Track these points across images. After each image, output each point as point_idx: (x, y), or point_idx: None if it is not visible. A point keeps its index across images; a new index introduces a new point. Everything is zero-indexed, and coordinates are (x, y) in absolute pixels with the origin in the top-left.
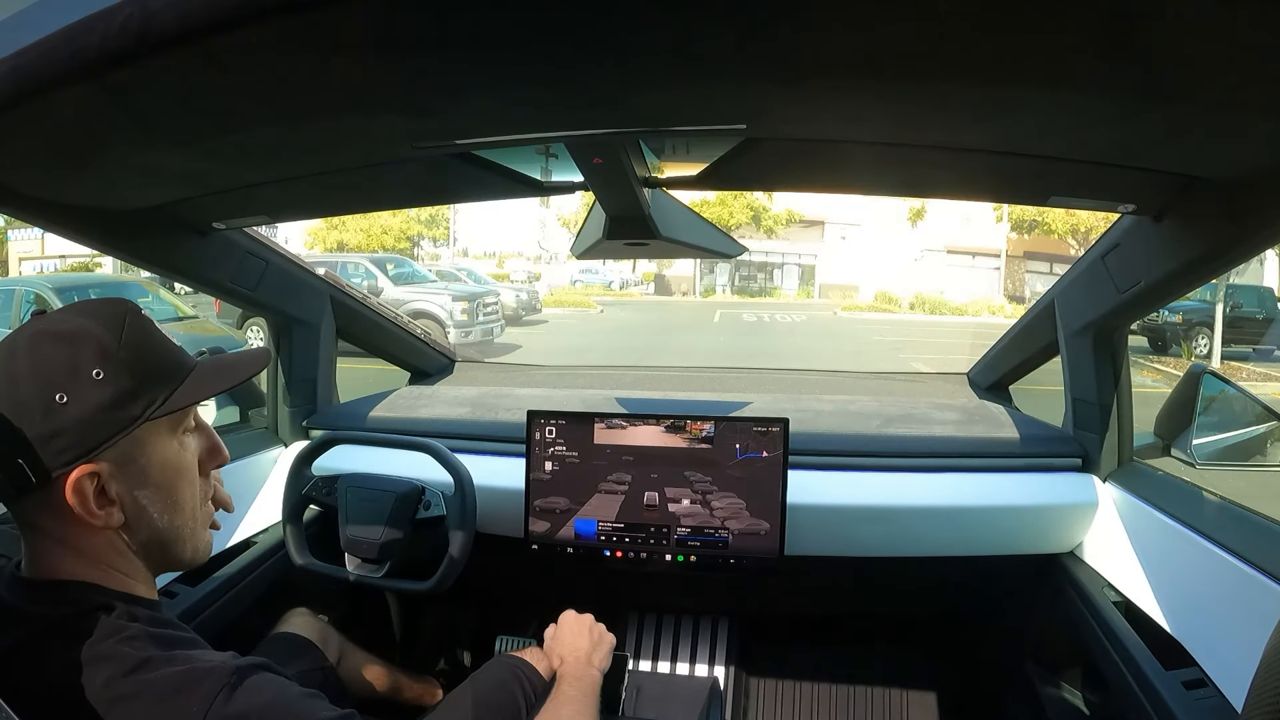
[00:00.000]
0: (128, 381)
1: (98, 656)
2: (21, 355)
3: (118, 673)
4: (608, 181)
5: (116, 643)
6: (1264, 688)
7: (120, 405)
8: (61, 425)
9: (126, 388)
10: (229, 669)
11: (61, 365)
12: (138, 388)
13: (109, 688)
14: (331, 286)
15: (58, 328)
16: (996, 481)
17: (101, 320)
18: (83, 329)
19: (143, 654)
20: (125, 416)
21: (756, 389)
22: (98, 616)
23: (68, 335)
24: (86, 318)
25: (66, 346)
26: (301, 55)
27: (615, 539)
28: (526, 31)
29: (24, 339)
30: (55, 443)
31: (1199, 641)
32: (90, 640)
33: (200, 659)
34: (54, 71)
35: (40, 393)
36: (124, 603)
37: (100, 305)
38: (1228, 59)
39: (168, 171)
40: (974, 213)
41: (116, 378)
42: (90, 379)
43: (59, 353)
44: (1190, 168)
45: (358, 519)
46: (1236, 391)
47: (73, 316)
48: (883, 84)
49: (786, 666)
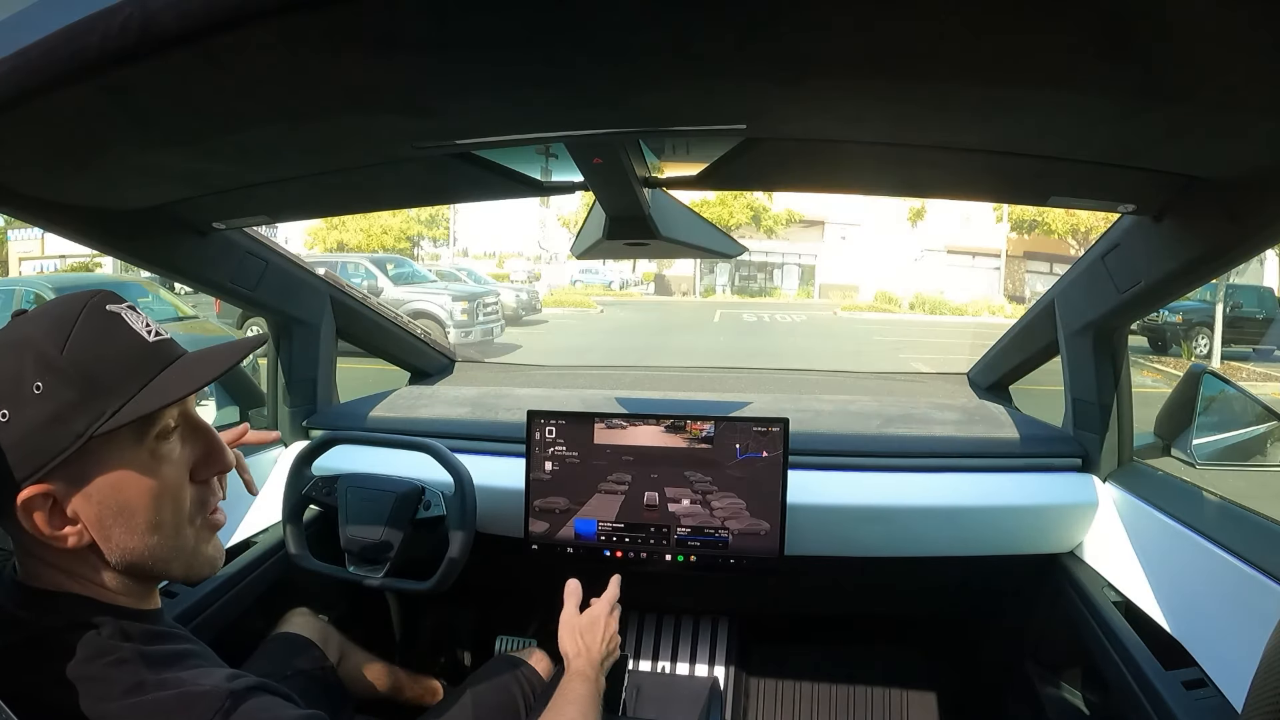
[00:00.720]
0: (69, 394)
1: (87, 677)
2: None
3: (108, 694)
4: (608, 181)
5: (106, 665)
6: (1264, 688)
7: (61, 421)
8: (5, 444)
9: (67, 400)
10: (223, 693)
11: (6, 379)
12: (81, 399)
13: (96, 710)
14: (331, 286)
15: (5, 336)
16: (996, 481)
17: (49, 325)
18: (25, 338)
19: (134, 678)
20: (67, 433)
21: (756, 389)
22: (87, 633)
23: (11, 345)
24: (34, 324)
25: (10, 357)
26: (301, 55)
27: (615, 539)
28: (526, 31)
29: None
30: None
31: (1199, 641)
32: (78, 659)
33: (193, 682)
34: (54, 71)
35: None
36: (115, 617)
37: (56, 306)
38: (1228, 59)
39: (168, 171)
40: (974, 213)
41: (55, 391)
42: (30, 394)
43: (4, 365)
44: (1190, 168)
45: (358, 519)
46: (1236, 391)
47: (22, 323)
48: (883, 84)
49: (786, 666)
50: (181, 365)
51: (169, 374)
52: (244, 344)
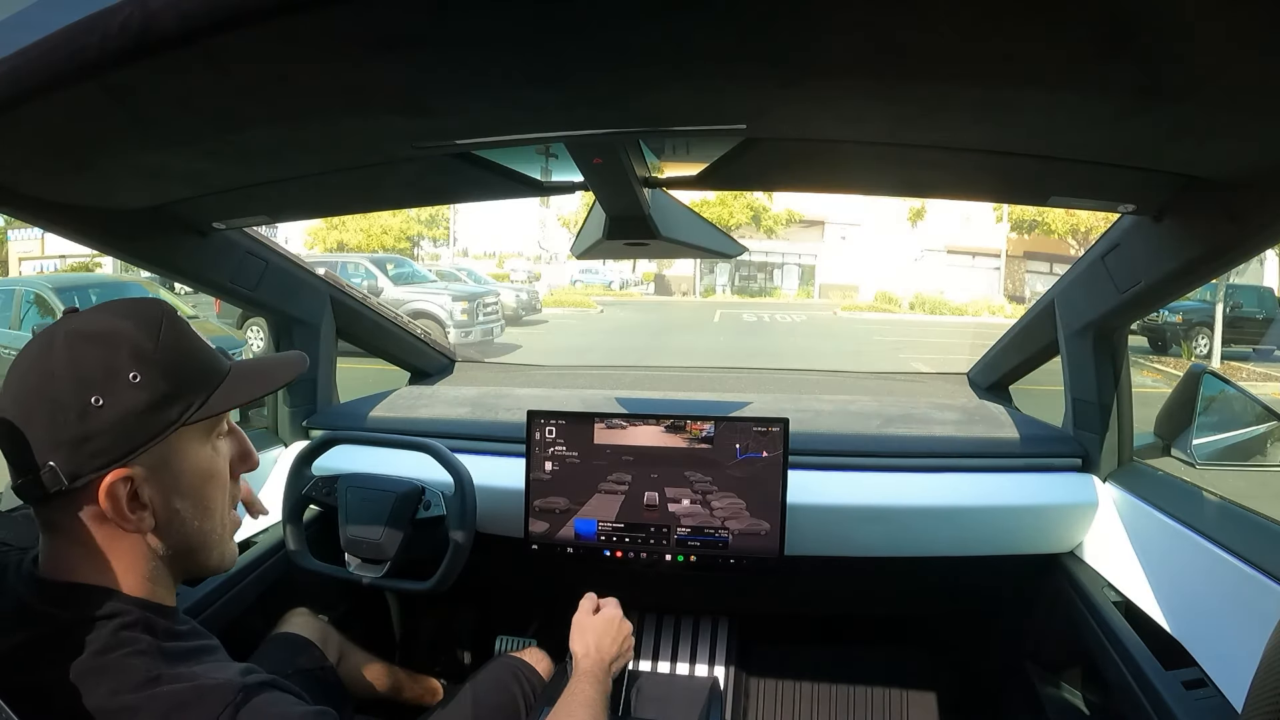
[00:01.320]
0: (164, 386)
1: (104, 667)
2: (59, 352)
3: (123, 686)
4: (608, 181)
5: (124, 656)
6: (1264, 688)
7: (156, 410)
8: (97, 428)
9: (163, 392)
10: (235, 687)
11: (98, 367)
12: (174, 392)
13: (112, 699)
14: (331, 286)
15: (93, 328)
16: (996, 481)
17: (138, 322)
18: (119, 330)
19: (151, 670)
20: (161, 421)
21: (756, 389)
22: (109, 625)
23: (104, 336)
24: (122, 318)
25: (103, 348)
26: (301, 55)
27: (615, 539)
28: (526, 31)
29: (60, 336)
30: (89, 446)
31: (1199, 641)
32: (98, 650)
33: (207, 676)
34: (54, 71)
35: (76, 394)
36: (140, 610)
37: (136, 306)
38: (1228, 59)
39: (168, 171)
40: (974, 213)
41: (153, 382)
42: (127, 382)
43: (95, 354)
44: (1190, 168)
45: (358, 519)
46: (1236, 391)
47: (108, 317)
48: (883, 84)
49: (786, 666)
50: (242, 372)
51: (233, 379)
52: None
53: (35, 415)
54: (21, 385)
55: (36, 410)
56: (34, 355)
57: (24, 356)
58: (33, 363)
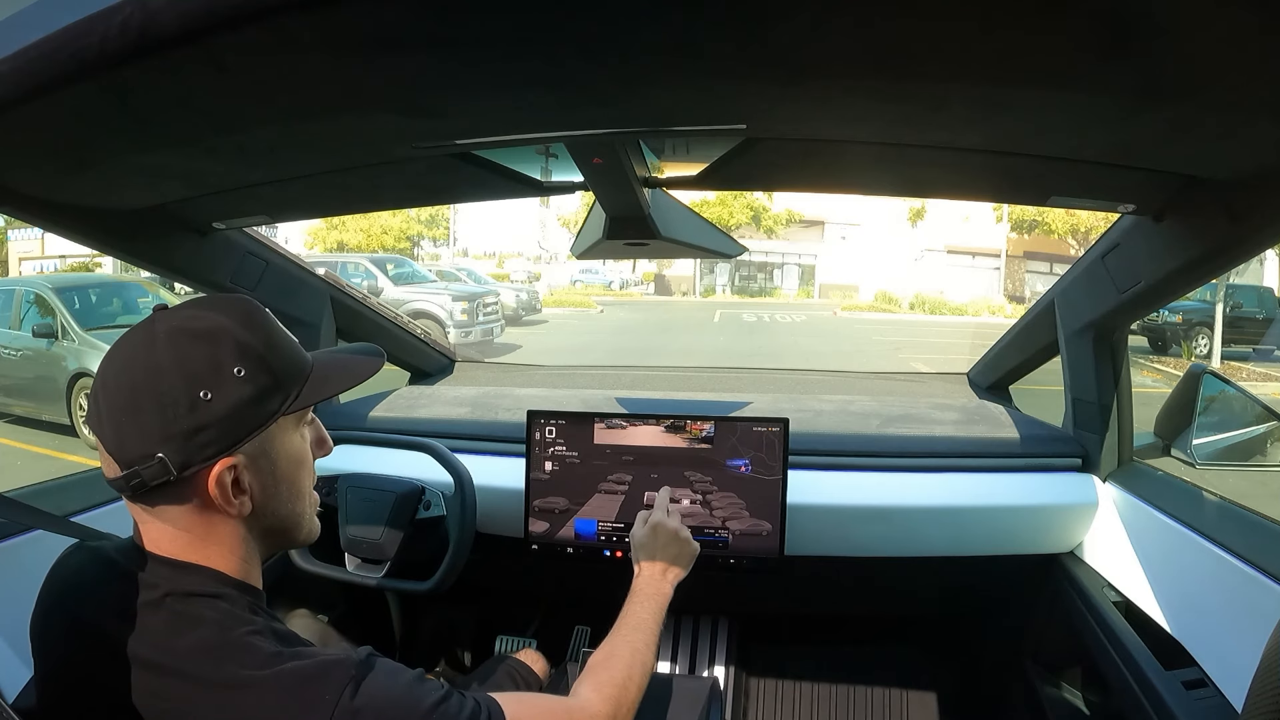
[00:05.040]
0: (266, 379)
1: (228, 644)
2: (162, 350)
3: (250, 663)
4: (608, 181)
5: (246, 634)
6: (1264, 688)
7: (260, 401)
8: (207, 420)
9: (265, 385)
10: (354, 660)
11: (205, 362)
12: (274, 385)
13: (238, 675)
14: (331, 286)
15: (196, 325)
16: (996, 481)
17: (236, 318)
18: (221, 326)
19: (272, 648)
20: (264, 412)
21: (756, 389)
22: (221, 603)
23: (207, 333)
24: (221, 314)
25: (208, 343)
26: (301, 55)
27: (615, 539)
28: (526, 31)
29: (161, 333)
30: (200, 437)
31: (1199, 641)
32: (219, 626)
33: (323, 652)
34: (54, 71)
35: (186, 389)
36: (243, 593)
37: (230, 303)
38: (1228, 59)
39: (168, 171)
40: (974, 213)
41: (255, 375)
42: (233, 376)
43: (200, 350)
44: (1190, 168)
45: (358, 519)
46: (1236, 391)
47: (206, 313)
48: (883, 84)
49: (786, 666)
50: (326, 364)
51: (320, 371)
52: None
53: (143, 410)
54: (124, 381)
55: (145, 405)
56: (132, 352)
57: (120, 353)
58: (134, 359)
